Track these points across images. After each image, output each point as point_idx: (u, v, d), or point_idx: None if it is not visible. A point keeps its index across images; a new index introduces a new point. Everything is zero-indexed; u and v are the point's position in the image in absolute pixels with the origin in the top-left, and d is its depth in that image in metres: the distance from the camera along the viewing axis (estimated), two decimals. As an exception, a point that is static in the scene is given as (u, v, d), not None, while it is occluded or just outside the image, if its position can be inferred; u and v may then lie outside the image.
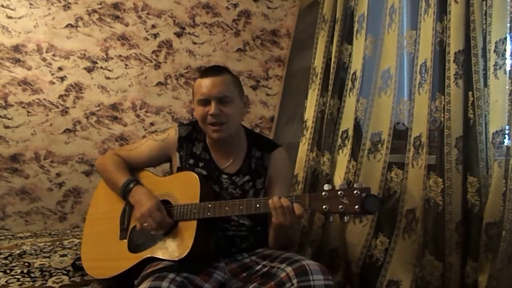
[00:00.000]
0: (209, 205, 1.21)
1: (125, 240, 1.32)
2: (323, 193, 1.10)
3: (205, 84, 1.29)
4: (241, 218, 1.32)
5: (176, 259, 1.17)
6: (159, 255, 1.21)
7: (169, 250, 1.21)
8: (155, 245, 1.24)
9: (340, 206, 1.07)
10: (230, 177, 1.36)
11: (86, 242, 1.44)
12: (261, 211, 1.16)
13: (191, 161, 1.38)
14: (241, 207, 1.18)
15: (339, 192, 1.08)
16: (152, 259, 1.22)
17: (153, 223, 1.21)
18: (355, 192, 1.06)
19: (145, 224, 1.22)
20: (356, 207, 1.05)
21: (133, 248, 1.29)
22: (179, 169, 1.38)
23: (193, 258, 1.17)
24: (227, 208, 1.19)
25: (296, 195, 1.13)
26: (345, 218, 1.09)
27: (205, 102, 1.29)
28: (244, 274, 1.24)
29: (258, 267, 1.22)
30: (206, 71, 1.35)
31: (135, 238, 1.31)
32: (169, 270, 1.10)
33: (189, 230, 1.21)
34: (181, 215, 1.24)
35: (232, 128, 1.33)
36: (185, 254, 1.17)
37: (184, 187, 1.28)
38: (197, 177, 1.28)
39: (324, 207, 1.08)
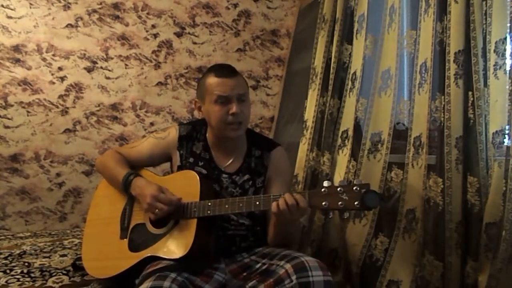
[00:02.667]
0: (209, 203, 1.21)
1: (125, 239, 1.32)
2: (323, 190, 1.09)
3: (225, 83, 1.29)
4: (240, 217, 1.32)
5: (177, 258, 1.17)
6: (160, 254, 1.21)
7: (170, 249, 1.21)
8: (156, 244, 1.24)
9: (340, 203, 1.06)
10: (230, 176, 1.36)
11: (87, 242, 1.44)
12: (261, 208, 1.16)
13: (191, 160, 1.38)
14: (240, 205, 1.18)
15: (338, 189, 1.07)
16: (153, 258, 1.22)
17: (163, 206, 1.21)
18: (354, 188, 1.05)
19: (157, 211, 1.22)
20: (356, 203, 1.04)
21: (134, 247, 1.29)
22: (179, 168, 1.38)
23: (193, 256, 1.17)
24: (226, 206, 1.19)
25: (296, 192, 1.13)
26: (345, 214, 1.09)
27: (225, 100, 1.28)
28: (244, 274, 1.24)
29: (257, 266, 1.22)
30: (221, 70, 1.32)
31: (135, 237, 1.31)
32: (170, 269, 1.10)
33: (189, 228, 1.21)
34: (181, 213, 1.24)
35: (246, 127, 1.35)
36: (185, 253, 1.17)
37: (184, 186, 1.28)
38: (197, 176, 1.28)
39: (323, 203, 1.08)
